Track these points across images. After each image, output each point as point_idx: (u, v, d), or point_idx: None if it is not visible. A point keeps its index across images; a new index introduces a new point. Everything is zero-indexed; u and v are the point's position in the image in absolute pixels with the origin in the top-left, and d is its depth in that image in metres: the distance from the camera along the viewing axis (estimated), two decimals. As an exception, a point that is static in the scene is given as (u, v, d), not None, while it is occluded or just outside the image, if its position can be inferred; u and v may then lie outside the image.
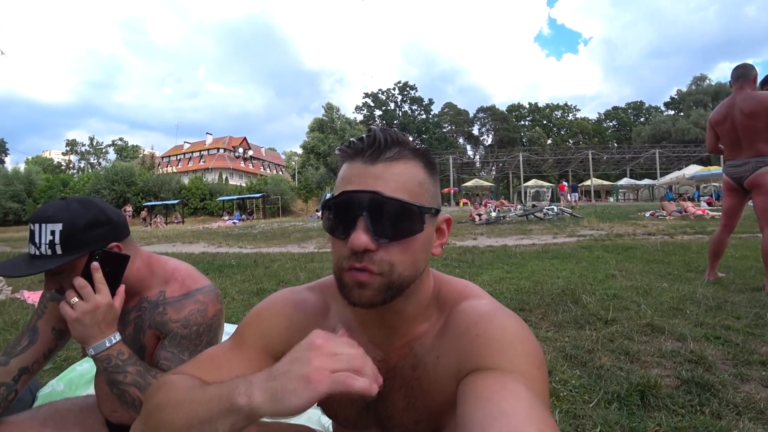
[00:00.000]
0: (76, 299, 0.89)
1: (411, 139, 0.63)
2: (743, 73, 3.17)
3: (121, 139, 64.00)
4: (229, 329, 2.57)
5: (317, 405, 0.80)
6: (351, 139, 0.62)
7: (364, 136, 0.61)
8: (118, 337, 0.94)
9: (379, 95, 55.59)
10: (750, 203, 3.29)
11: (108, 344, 0.91)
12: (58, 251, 0.89)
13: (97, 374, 1.16)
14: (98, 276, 0.90)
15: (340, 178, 0.62)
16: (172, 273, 1.06)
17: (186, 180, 35.47)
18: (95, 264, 0.90)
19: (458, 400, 0.54)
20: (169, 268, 1.08)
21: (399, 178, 0.58)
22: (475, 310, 0.63)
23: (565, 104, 57.76)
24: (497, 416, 0.46)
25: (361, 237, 0.56)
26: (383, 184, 0.57)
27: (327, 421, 1.49)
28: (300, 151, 52.68)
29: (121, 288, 0.95)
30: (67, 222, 0.89)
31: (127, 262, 0.95)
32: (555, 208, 12.40)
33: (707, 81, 50.23)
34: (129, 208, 27.04)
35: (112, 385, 0.93)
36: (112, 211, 0.98)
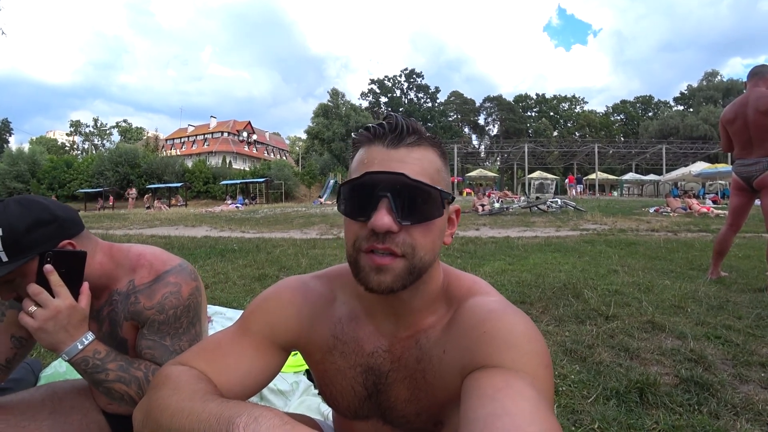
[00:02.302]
0: (33, 308, 0.83)
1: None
2: (759, 71, 3.11)
3: (125, 121, 64.14)
4: (232, 314, 2.60)
5: (318, 393, 0.81)
6: (369, 124, 0.62)
7: (383, 122, 0.61)
8: (90, 337, 0.88)
9: (385, 82, 55.24)
10: (758, 203, 3.26)
11: (80, 346, 0.86)
12: (3, 258, 0.82)
13: None
14: (54, 278, 0.84)
15: (357, 161, 0.62)
16: (137, 259, 1.01)
17: (189, 163, 35.40)
18: (48, 266, 0.84)
19: (462, 396, 0.53)
20: (133, 255, 1.02)
21: (420, 164, 0.59)
22: (484, 307, 0.62)
23: (573, 96, 57.32)
24: (501, 414, 0.45)
25: (384, 218, 0.56)
26: (407, 167, 0.58)
27: (326, 409, 1.50)
28: (304, 136, 52.60)
29: (85, 286, 0.89)
30: (7, 226, 0.82)
31: (84, 258, 0.89)
32: (559, 200, 12.35)
33: (719, 77, 49.58)
34: (133, 191, 27.07)
35: (96, 385, 0.90)
36: (58, 208, 0.91)
